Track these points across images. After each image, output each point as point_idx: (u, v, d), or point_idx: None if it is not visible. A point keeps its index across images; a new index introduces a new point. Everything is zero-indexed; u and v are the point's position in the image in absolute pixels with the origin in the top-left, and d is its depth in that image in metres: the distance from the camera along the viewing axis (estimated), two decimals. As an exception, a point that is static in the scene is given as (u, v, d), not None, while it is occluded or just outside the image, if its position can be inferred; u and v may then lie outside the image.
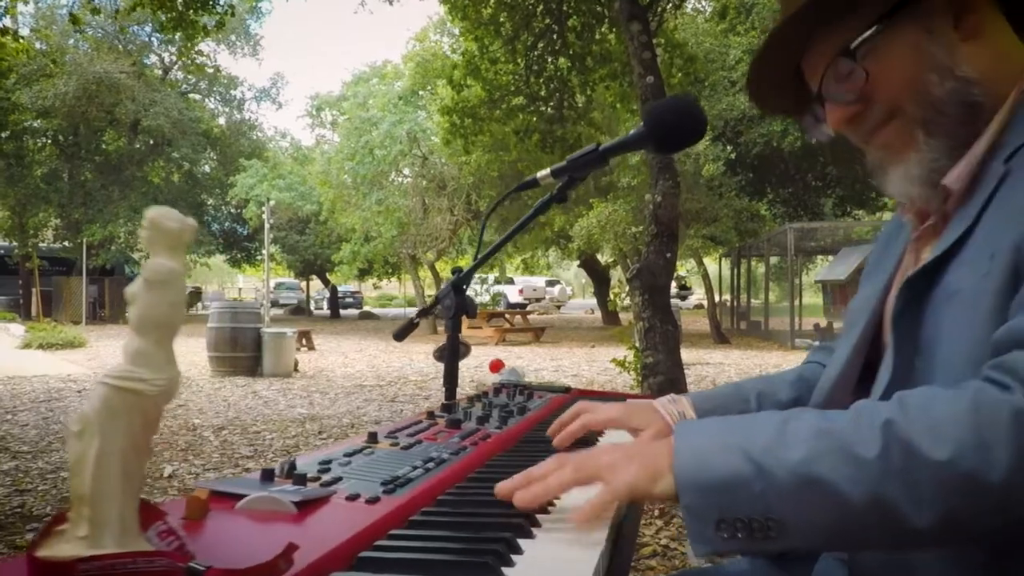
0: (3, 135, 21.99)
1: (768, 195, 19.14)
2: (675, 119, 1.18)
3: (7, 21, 20.47)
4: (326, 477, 0.80)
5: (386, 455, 0.94)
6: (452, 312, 1.57)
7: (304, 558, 0.55)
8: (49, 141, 23.48)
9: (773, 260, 20.51)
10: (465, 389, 8.60)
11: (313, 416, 7.05)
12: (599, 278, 23.74)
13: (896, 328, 0.88)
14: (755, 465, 0.70)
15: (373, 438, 1.01)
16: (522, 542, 0.68)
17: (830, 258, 18.10)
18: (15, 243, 22.16)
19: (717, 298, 21.20)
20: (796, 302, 15.99)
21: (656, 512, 3.70)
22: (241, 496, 0.69)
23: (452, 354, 1.61)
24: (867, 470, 0.68)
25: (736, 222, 16.54)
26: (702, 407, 1.12)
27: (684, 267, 27.83)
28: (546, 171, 1.29)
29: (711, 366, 11.86)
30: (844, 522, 0.69)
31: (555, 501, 0.83)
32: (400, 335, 1.76)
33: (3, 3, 8.35)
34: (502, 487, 0.77)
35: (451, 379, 1.62)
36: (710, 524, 0.71)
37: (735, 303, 21.75)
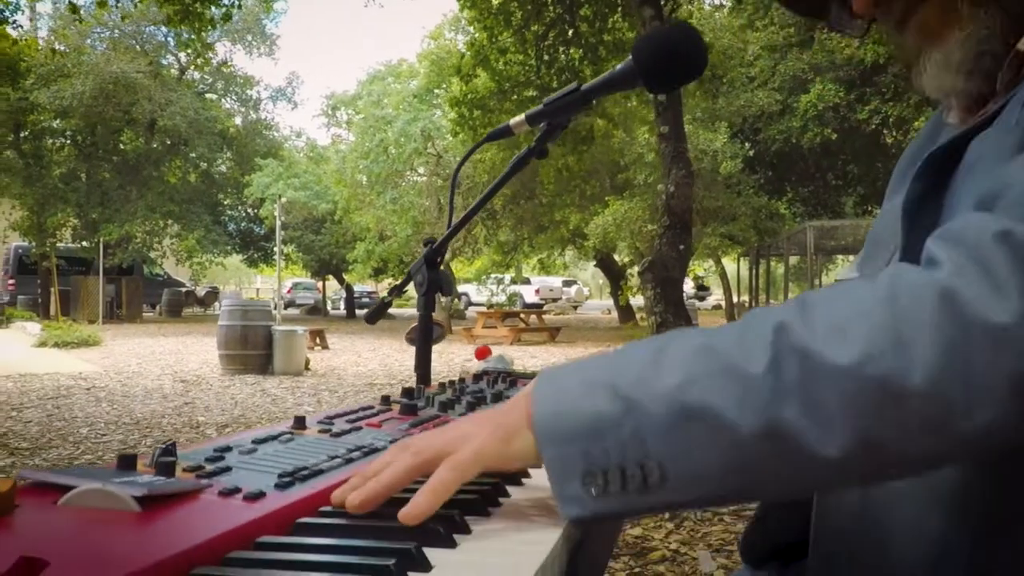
0: (22, 135, 22.12)
1: (787, 193, 18.84)
2: (669, 50, 1.00)
3: (25, 23, 20.58)
4: (211, 467, 0.63)
5: (307, 443, 0.77)
6: (424, 289, 1.41)
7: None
8: (67, 141, 23.58)
9: (793, 260, 20.21)
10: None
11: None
12: (616, 278, 23.49)
13: (907, 219, 0.70)
14: (623, 401, 0.55)
15: (300, 423, 0.84)
16: (436, 554, 0.50)
17: (851, 258, 17.76)
18: (34, 243, 22.25)
19: (735, 298, 20.92)
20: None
21: (666, 514, 3.51)
22: (70, 488, 0.52)
23: (424, 336, 1.45)
24: (755, 389, 0.52)
25: (755, 221, 16.28)
26: None
27: (702, 267, 27.53)
28: (520, 118, 1.12)
29: (729, 366, 11.62)
30: (736, 458, 0.54)
31: (500, 501, 0.66)
32: (372, 317, 1.60)
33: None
34: (337, 494, 0.60)
35: (424, 363, 1.46)
36: (575, 478, 0.57)
37: (754, 303, 21.45)
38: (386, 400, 1.06)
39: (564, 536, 0.58)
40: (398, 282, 1.49)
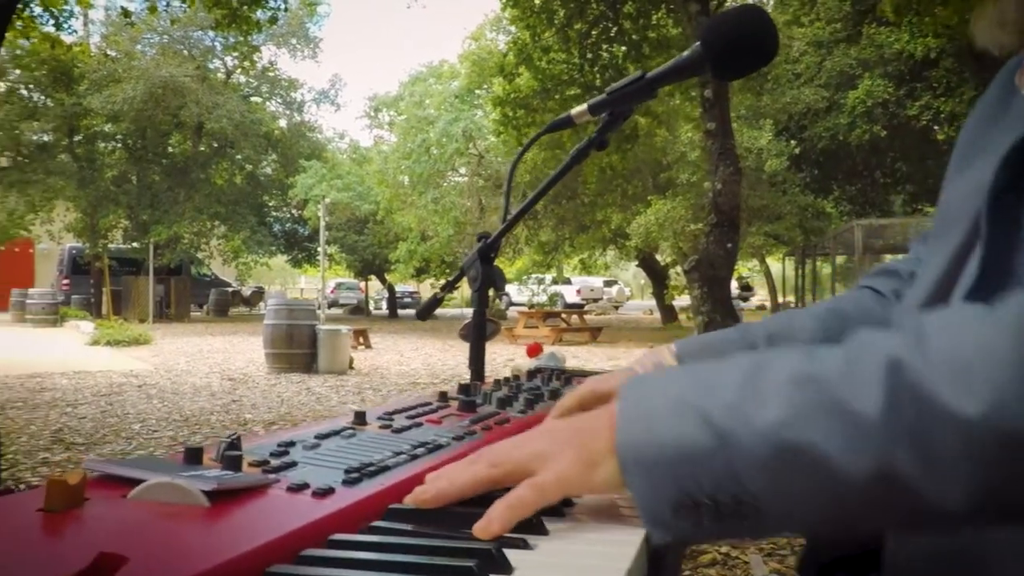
0: (76, 139, 22.73)
1: (834, 192, 18.46)
2: (739, 34, 0.96)
3: (79, 29, 21.14)
4: (276, 462, 0.61)
5: (369, 439, 0.75)
6: (478, 284, 1.38)
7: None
8: (119, 145, 24.15)
9: (839, 259, 19.78)
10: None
11: (363, 413, 6.96)
12: (658, 278, 23.30)
13: (992, 210, 0.64)
14: (717, 431, 0.51)
15: (360, 418, 0.82)
16: (515, 555, 0.48)
17: (900, 257, 17.35)
18: (87, 244, 22.85)
19: (780, 299, 20.59)
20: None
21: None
22: (138, 482, 0.51)
23: (478, 332, 1.43)
24: (867, 431, 0.48)
25: (800, 220, 15.99)
26: (691, 359, 0.89)
27: (746, 267, 27.17)
28: (582, 107, 1.09)
29: (774, 367, 11.43)
30: (840, 499, 0.50)
31: (575, 500, 0.64)
32: (423, 313, 1.58)
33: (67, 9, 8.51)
34: (411, 496, 0.58)
35: (477, 360, 1.44)
36: (665, 507, 0.53)
37: (799, 304, 21.07)
38: (443, 396, 1.04)
39: (647, 536, 0.55)
40: (441, 281, 1.46)
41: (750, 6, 0.98)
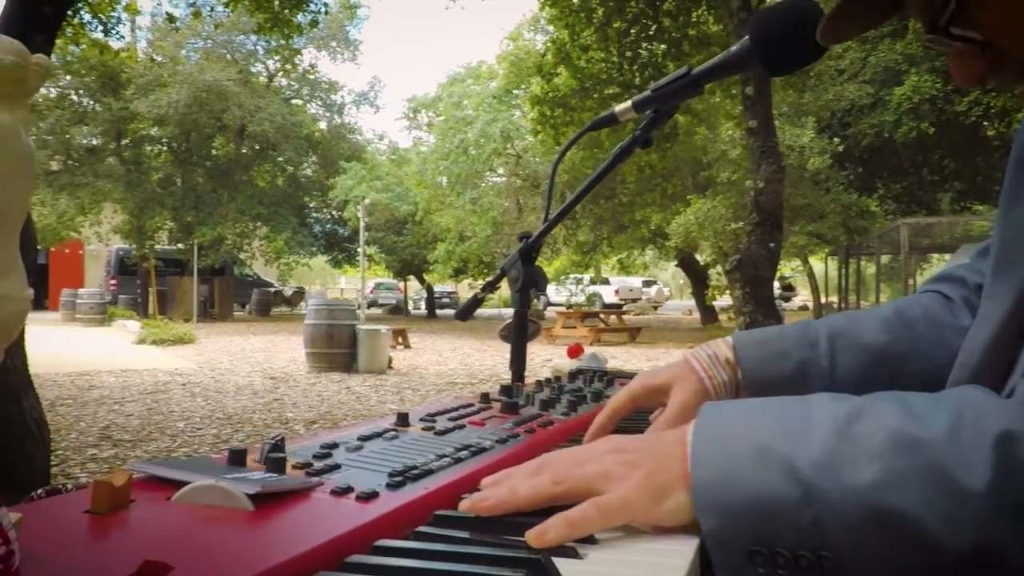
0: (124, 143, 23.26)
1: (879, 190, 18.09)
2: (789, 28, 0.93)
3: (126, 35, 21.59)
4: (319, 464, 0.61)
5: (412, 440, 0.74)
6: (519, 285, 1.37)
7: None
8: (164, 148, 24.65)
9: (884, 259, 19.37)
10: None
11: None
12: (697, 278, 23.07)
13: None
14: (804, 486, 0.49)
15: (403, 420, 0.82)
16: (565, 564, 0.46)
17: (947, 257, 16.95)
18: (134, 245, 23.38)
19: (823, 299, 20.25)
20: (911, 303, 15.00)
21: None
22: (182, 484, 0.50)
23: (519, 333, 1.41)
24: (971, 507, 0.45)
25: (844, 219, 15.69)
26: (748, 354, 0.85)
27: (788, 267, 26.77)
28: (627, 104, 1.07)
29: (818, 368, 11.24)
30: (931, 569, 0.47)
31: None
32: (463, 314, 1.58)
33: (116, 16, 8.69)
34: (465, 503, 0.56)
35: (519, 361, 1.42)
36: (740, 554, 0.50)
37: (843, 304, 20.68)
38: (485, 398, 1.03)
39: (700, 545, 0.53)
40: (479, 282, 1.45)
41: (801, 0, 0.95)
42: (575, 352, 1.67)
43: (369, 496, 0.53)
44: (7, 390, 3.52)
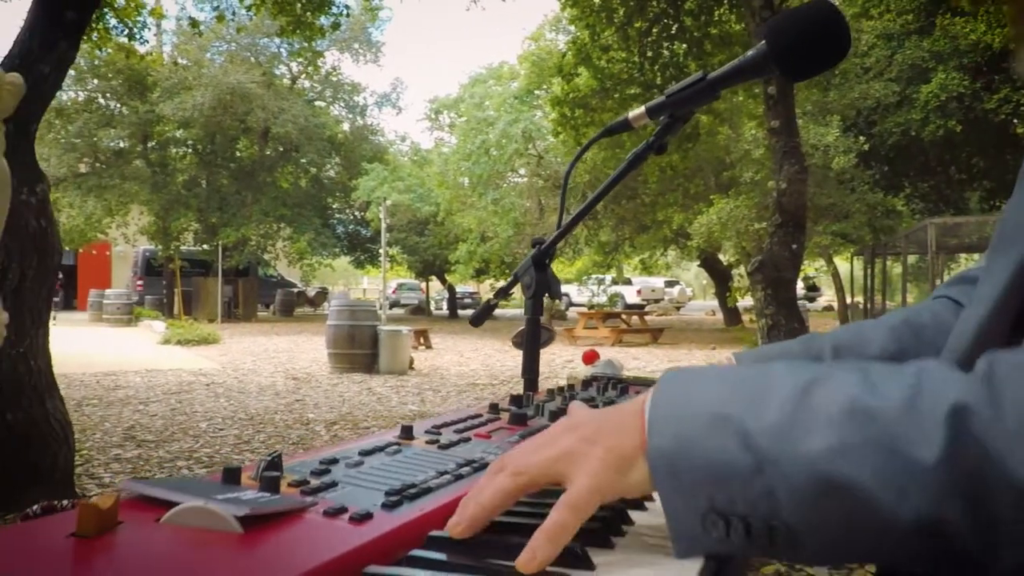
0: (150, 145, 23.55)
1: (905, 189, 17.83)
2: (807, 33, 0.91)
3: (152, 40, 21.86)
4: (316, 482, 0.59)
5: (414, 455, 0.73)
6: (532, 291, 1.36)
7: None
8: (189, 150, 24.93)
9: (911, 259, 19.12)
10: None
11: (423, 413, 7.01)
12: (720, 278, 22.91)
13: None
14: (757, 454, 0.48)
15: (407, 432, 0.81)
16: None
17: (975, 257, 16.70)
18: (159, 246, 23.66)
19: (848, 299, 20.02)
20: (938, 303, 14.77)
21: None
22: (172, 505, 0.49)
23: (532, 340, 1.40)
24: (920, 478, 0.44)
25: (870, 218, 15.48)
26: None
27: (812, 267, 26.50)
28: (640, 109, 1.05)
29: (842, 370, 11.12)
30: (878, 541, 0.47)
31: (624, 529, 0.60)
32: (477, 320, 1.56)
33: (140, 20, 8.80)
34: (449, 526, 0.55)
35: (531, 369, 1.41)
36: (695, 518, 0.50)
37: (868, 305, 20.43)
38: (494, 408, 1.02)
39: (705, 569, 0.51)
40: (501, 283, 1.43)
41: (819, 1, 0.92)
42: (590, 358, 1.65)
43: (363, 518, 0.52)
44: (32, 392, 3.56)
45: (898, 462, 0.45)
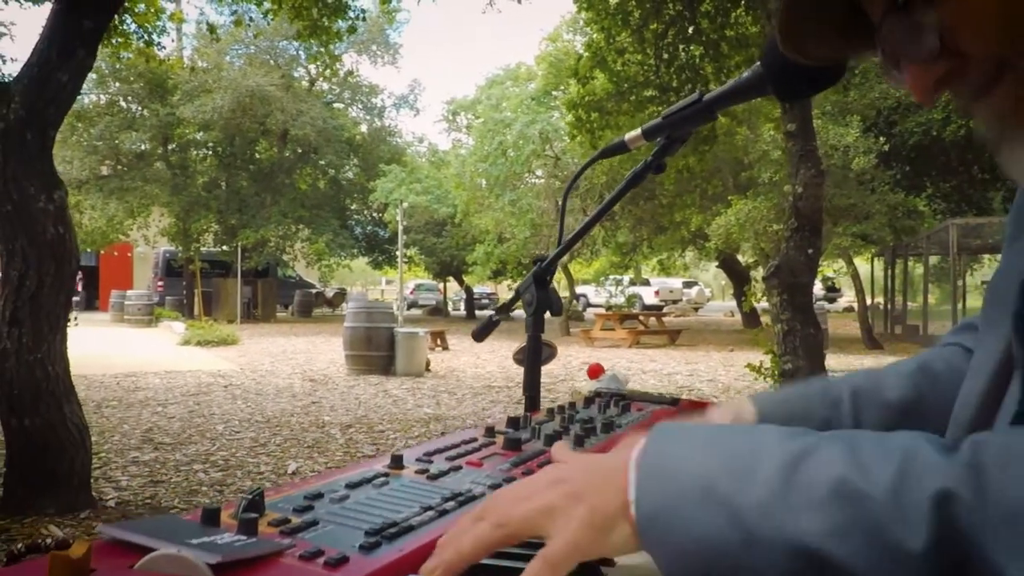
0: (170, 148, 23.79)
1: (927, 189, 17.64)
2: None
3: (173, 43, 22.06)
4: (297, 520, 0.59)
5: (403, 487, 0.73)
6: (533, 308, 1.35)
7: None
8: (209, 152, 25.15)
9: (933, 260, 18.92)
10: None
11: (438, 416, 7.02)
12: (739, 279, 22.76)
13: (1020, 334, 0.59)
14: (744, 532, 0.48)
15: (397, 462, 0.80)
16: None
17: (999, 258, 16.47)
18: (180, 247, 23.89)
19: (869, 300, 19.83)
20: (959, 305, 14.63)
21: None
22: (148, 550, 0.49)
23: (533, 357, 1.40)
24: (905, 565, 0.44)
25: (890, 219, 15.32)
26: (771, 413, 0.84)
27: (832, 268, 26.26)
28: (636, 132, 1.04)
29: (862, 373, 11.01)
30: None
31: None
32: (480, 335, 1.56)
33: (160, 24, 8.88)
34: (423, 571, 0.54)
35: (532, 386, 1.41)
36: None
37: (889, 306, 20.23)
38: (490, 431, 1.01)
39: None
40: (518, 283, 1.43)
41: None
42: (595, 373, 1.64)
43: (338, 562, 0.52)
44: (49, 397, 3.61)
45: (886, 549, 0.45)
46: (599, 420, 1.16)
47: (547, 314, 1.39)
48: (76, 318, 16.66)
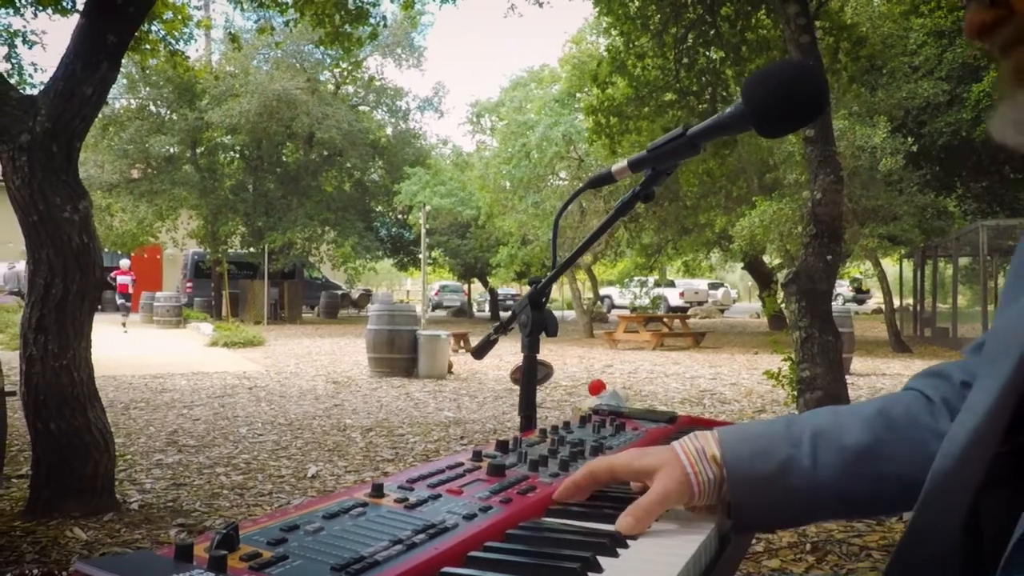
0: (199, 151, 24.15)
1: (957, 190, 17.39)
2: (783, 91, 0.92)
3: (197, 52, 22.30)
4: (269, 554, 0.62)
5: (379, 518, 0.75)
6: (529, 330, 1.38)
7: None
8: (237, 155, 25.49)
9: (963, 261, 18.64)
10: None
11: (458, 420, 7.06)
12: (765, 280, 22.58)
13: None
14: None
15: (378, 491, 0.83)
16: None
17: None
18: (208, 249, 24.24)
19: (897, 302, 19.58)
20: (989, 307, 14.40)
21: (808, 547, 3.30)
22: (118, 591, 0.52)
23: (529, 377, 1.42)
24: None
25: (919, 220, 15.12)
26: (733, 450, 0.85)
27: (859, 269, 25.94)
28: (622, 163, 1.06)
29: (887, 377, 10.88)
30: None
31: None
32: (479, 352, 1.59)
33: (187, 31, 9.03)
34: None
35: (528, 405, 1.43)
36: None
37: (918, 308, 19.95)
38: (478, 455, 1.04)
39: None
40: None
41: (796, 62, 0.94)
42: (596, 389, 1.66)
43: (297, 604, 0.54)
44: (75, 402, 3.69)
45: None
46: (589, 442, 1.18)
47: (544, 333, 1.41)
48: (125, 324, 16.83)
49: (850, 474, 0.83)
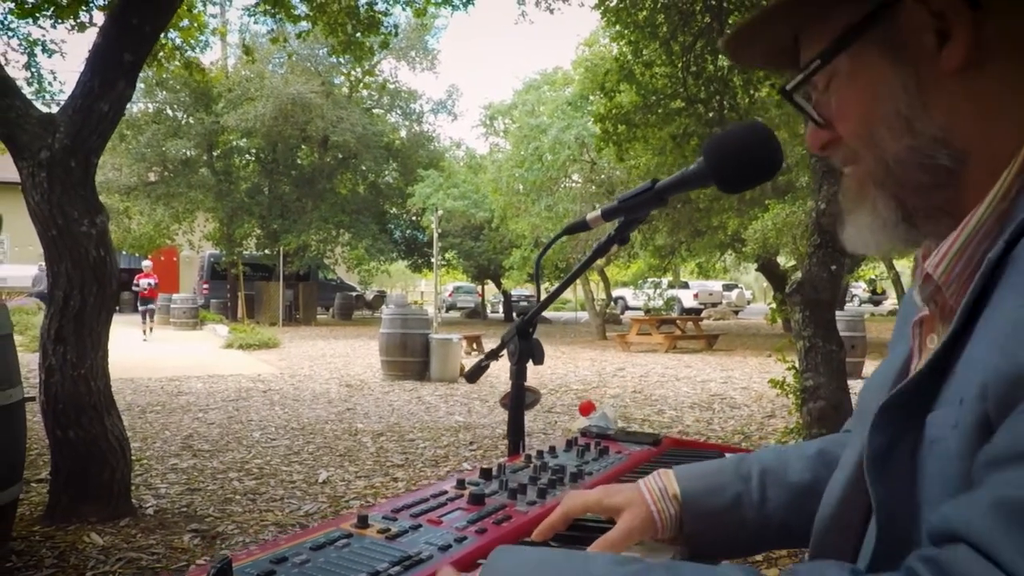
0: (215, 154, 24.40)
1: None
2: (741, 154, 1.00)
3: (213, 57, 22.50)
4: (259, 589, 0.70)
5: (362, 549, 0.83)
6: (517, 358, 1.45)
7: None
8: (252, 159, 25.74)
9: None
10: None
11: (468, 425, 7.15)
12: (779, 282, 22.50)
13: (873, 476, 0.65)
14: None
15: (363, 522, 0.91)
16: None
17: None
18: (224, 251, 24.49)
19: (912, 305, 19.50)
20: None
21: (807, 555, 3.35)
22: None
23: (517, 403, 1.49)
24: None
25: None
26: (690, 486, 0.93)
27: (874, 271, 25.80)
28: (596, 212, 1.14)
29: (900, 382, 10.85)
30: None
31: None
32: (472, 376, 1.67)
33: (202, 38, 9.17)
34: None
35: (516, 431, 1.50)
36: None
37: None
38: (461, 484, 1.11)
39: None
40: (554, 286, 1.50)
41: (752, 124, 1.02)
42: (586, 410, 1.73)
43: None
44: (92, 411, 3.80)
45: None
46: (571, 468, 1.25)
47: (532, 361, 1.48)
48: (151, 330, 16.91)
49: (795, 509, 0.91)
